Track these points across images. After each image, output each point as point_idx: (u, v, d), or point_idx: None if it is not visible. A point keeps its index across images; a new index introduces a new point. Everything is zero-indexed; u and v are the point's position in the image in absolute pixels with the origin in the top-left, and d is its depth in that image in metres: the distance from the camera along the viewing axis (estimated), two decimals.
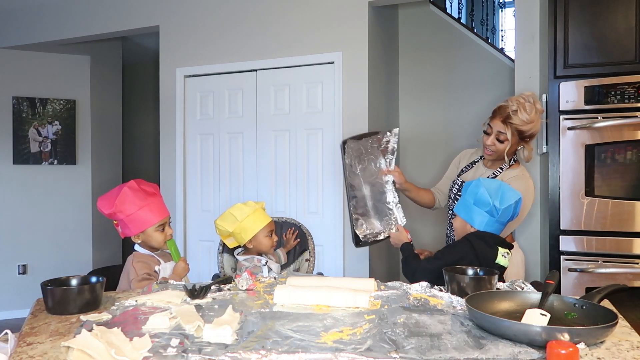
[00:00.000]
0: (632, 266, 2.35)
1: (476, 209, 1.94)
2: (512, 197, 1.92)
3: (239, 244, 2.32)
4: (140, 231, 1.93)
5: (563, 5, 2.53)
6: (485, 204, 1.92)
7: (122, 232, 1.96)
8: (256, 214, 2.24)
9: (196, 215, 3.96)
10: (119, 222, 1.93)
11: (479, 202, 1.93)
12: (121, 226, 1.94)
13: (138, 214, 1.90)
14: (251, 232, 2.23)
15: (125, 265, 1.94)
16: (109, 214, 1.90)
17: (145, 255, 1.96)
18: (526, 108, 2.20)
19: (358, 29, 3.46)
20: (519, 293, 1.40)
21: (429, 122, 4.36)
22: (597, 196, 2.43)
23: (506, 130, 2.23)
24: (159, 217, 1.95)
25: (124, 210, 1.89)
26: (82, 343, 1.05)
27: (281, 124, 3.68)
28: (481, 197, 1.93)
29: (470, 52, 4.23)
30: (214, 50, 3.85)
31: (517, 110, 2.20)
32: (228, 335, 1.12)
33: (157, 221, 1.94)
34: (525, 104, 2.21)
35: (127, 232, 1.94)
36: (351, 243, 2.54)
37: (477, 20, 5.69)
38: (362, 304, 1.39)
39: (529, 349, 1.07)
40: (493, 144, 2.28)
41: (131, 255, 1.96)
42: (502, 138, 2.25)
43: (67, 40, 4.47)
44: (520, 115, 2.20)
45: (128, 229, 1.92)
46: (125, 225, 1.91)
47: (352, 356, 1.03)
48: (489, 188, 1.94)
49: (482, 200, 1.92)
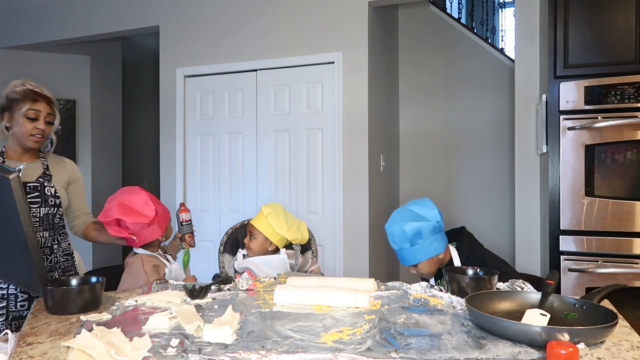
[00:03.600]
0: (632, 266, 2.35)
1: (432, 237, 1.82)
2: (429, 201, 1.86)
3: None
4: (166, 226, 2.02)
5: (563, 5, 2.53)
6: (433, 225, 1.81)
7: (144, 239, 1.94)
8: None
9: (196, 215, 3.93)
10: (149, 229, 1.92)
11: (431, 230, 1.81)
12: (147, 233, 1.93)
13: (161, 208, 1.99)
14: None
15: (131, 266, 1.91)
16: (149, 222, 1.90)
17: (152, 257, 1.95)
18: None
19: (358, 29, 3.46)
20: (519, 293, 1.40)
21: (428, 122, 4.36)
22: (597, 196, 2.43)
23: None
24: (168, 209, 2.07)
25: (159, 210, 1.96)
26: (82, 343, 1.05)
27: (281, 124, 3.68)
28: (427, 223, 1.80)
29: (470, 52, 4.23)
30: (214, 50, 3.85)
31: None
32: (228, 335, 1.12)
33: (169, 212, 2.06)
34: None
35: (156, 234, 1.95)
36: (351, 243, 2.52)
37: (477, 20, 5.69)
38: (362, 304, 1.39)
39: (529, 349, 1.07)
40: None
41: (136, 257, 1.94)
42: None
43: (68, 40, 4.47)
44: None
45: (158, 230, 1.95)
46: (156, 227, 1.94)
47: (352, 356, 1.03)
48: (421, 211, 1.82)
49: (431, 226, 1.80)
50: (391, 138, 4.19)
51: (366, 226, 3.43)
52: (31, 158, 2.03)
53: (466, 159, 4.26)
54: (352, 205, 3.45)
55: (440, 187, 4.34)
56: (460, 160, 4.28)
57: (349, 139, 3.46)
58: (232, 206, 3.85)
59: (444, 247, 1.87)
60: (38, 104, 1.94)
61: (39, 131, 1.94)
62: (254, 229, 2.22)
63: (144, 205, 1.91)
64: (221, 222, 3.81)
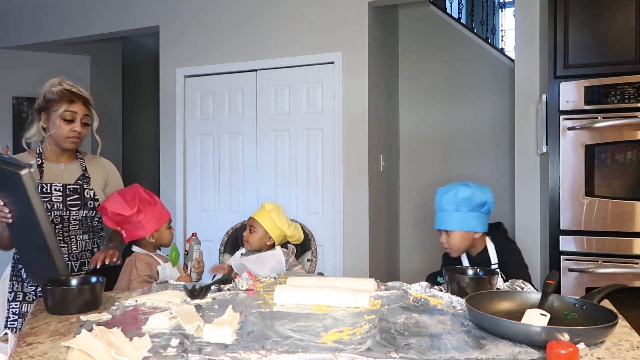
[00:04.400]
0: (632, 266, 2.35)
1: (474, 215, 1.87)
2: (487, 188, 1.90)
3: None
4: (157, 229, 1.95)
5: (563, 5, 2.53)
6: (481, 204, 1.88)
7: (130, 234, 1.92)
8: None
9: (196, 215, 3.96)
10: (132, 224, 1.91)
11: (476, 207, 1.87)
12: (132, 228, 1.91)
13: (155, 210, 1.94)
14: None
15: (126, 264, 1.94)
16: (129, 216, 1.88)
17: (146, 255, 1.96)
18: None
19: (358, 29, 3.46)
20: (519, 293, 1.40)
21: (428, 122, 4.36)
22: (597, 196, 2.43)
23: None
24: (168, 214, 2.01)
25: (144, 209, 1.91)
26: (82, 343, 1.05)
27: (281, 124, 3.68)
28: (475, 200, 1.87)
29: (470, 52, 4.23)
30: (214, 50, 3.85)
31: None
32: (228, 335, 1.12)
33: (168, 218, 2.00)
34: None
35: (141, 232, 1.92)
36: (351, 243, 2.53)
37: (477, 20, 5.69)
38: (362, 304, 1.39)
39: (529, 349, 1.07)
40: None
41: (132, 255, 1.96)
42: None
43: (68, 40, 4.47)
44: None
45: (144, 228, 1.92)
46: (142, 225, 1.91)
47: (352, 356, 1.03)
48: (475, 189, 1.88)
49: (478, 203, 1.87)
50: (391, 138, 4.19)
51: (366, 226, 3.43)
52: (69, 159, 2.02)
53: (466, 158, 4.26)
54: (352, 205, 3.45)
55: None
56: (460, 160, 4.27)
57: (349, 139, 3.46)
58: (232, 206, 3.85)
59: (482, 230, 1.89)
60: (74, 105, 1.92)
61: (76, 133, 1.93)
62: (255, 223, 2.25)
63: (129, 200, 1.89)
64: (221, 222, 3.81)
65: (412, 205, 4.38)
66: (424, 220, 4.21)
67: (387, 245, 4.06)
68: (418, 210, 4.35)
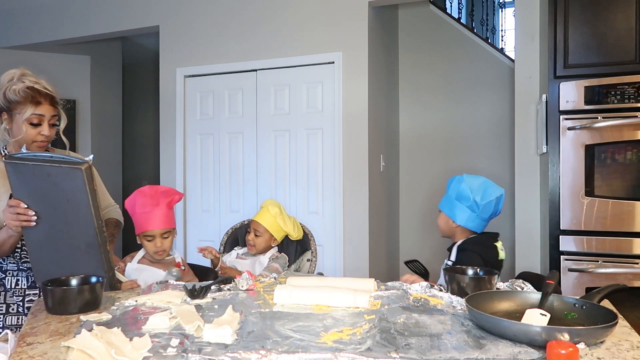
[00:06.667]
0: (632, 266, 2.35)
1: (458, 204, 1.95)
2: (493, 193, 1.92)
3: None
4: (137, 233, 1.97)
5: (563, 5, 2.53)
6: (466, 199, 1.93)
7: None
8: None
9: (196, 215, 3.96)
10: (136, 215, 1.98)
11: (461, 197, 1.94)
12: (136, 220, 1.99)
13: (139, 215, 1.94)
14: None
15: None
16: (127, 208, 1.96)
17: (135, 253, 2.01)
18: None
19: (358, 29, 3.46)
20: (519, 293, 1.40)
21: (428, 122, 4.36)
22: (597, 196, 2.43)
23: None
24: (150, 227, 1.92)
25: (131, 210, 1.96)
26: (82, 343, 1.05)
27: (281, 124, 3.68)
28: (462, 192, 1.93)
29: (470, 52, 4.23)
30: (214, 50, 3.85)
31: None
32: (228, 335, 1.12)
33: (146, 230, 1.92)
34: None
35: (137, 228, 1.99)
36: (351, 243, 2.54)
37: (477, 20, 5.69)
38: (362, 304, 1.38)
39: (529, 349, 1.07)
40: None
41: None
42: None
43: (67, 40, 4.47)
44: None
45: (135, 225, 1.98)
46: (135, 220, 1.98)
47: (352, 356, 1.03)
48: (471, 184, 1.94)
49: (464, 196, 1.93)
50: (391, 138, 4.19)
51: (366, 226, 3.43)
52: None
53: (466, 158, 4.25)
54: (352, 205, 3.45)
55: (441, 186, 4.32)
56: (460, 160, 4.27)
57: (349, 139, 3.46)
58: (232, 206, 3.85)
59: (459, 222, 1.96)
60: (41, 107, 1.77)
61: (44, 137, 1.80)
62: (259, 226, 2.23)
63: (132, 195, 1.96)
64: (221, 222, 3.81)
65: (412, 205, 4.38)
66: (424, 220, 4.21)
67: (387, 245, 4.06)
68: (418, 210, 4.35)
